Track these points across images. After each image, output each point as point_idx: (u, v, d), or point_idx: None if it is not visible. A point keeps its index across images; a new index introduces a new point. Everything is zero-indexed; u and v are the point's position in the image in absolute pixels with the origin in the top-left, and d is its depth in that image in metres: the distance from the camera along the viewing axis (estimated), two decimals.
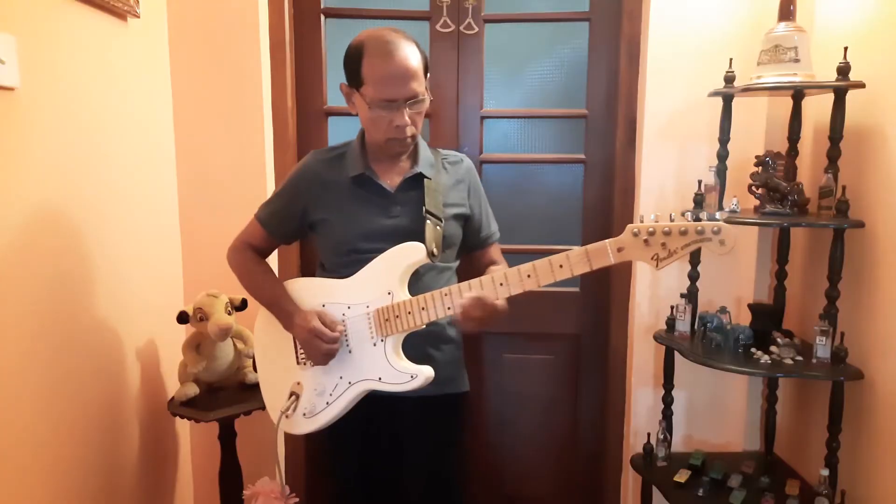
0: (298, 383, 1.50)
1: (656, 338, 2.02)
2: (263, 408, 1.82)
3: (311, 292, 1.50)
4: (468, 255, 1.65)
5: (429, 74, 1.46)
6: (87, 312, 1.58)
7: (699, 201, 1.91)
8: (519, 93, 2.30)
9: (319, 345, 1.41)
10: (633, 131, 2.14)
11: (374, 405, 1.47)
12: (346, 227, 1.48)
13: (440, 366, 1.43)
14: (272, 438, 2.16)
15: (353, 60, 1.41)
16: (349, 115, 2.25)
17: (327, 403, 1.46)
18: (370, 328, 1.42)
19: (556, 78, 2.29)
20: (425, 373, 1.38)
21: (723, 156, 1.88)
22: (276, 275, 1.62)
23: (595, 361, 2.33)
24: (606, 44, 2.17)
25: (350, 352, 1.44)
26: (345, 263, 1.47)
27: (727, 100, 1.86)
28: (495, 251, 1.66)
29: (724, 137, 1.87)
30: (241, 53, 2.00)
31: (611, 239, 1.26)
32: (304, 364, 1.50)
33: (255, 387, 1.90)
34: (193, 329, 1.84)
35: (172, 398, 1.84)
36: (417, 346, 1.44)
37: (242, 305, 1.87)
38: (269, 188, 2.09)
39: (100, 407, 1.63)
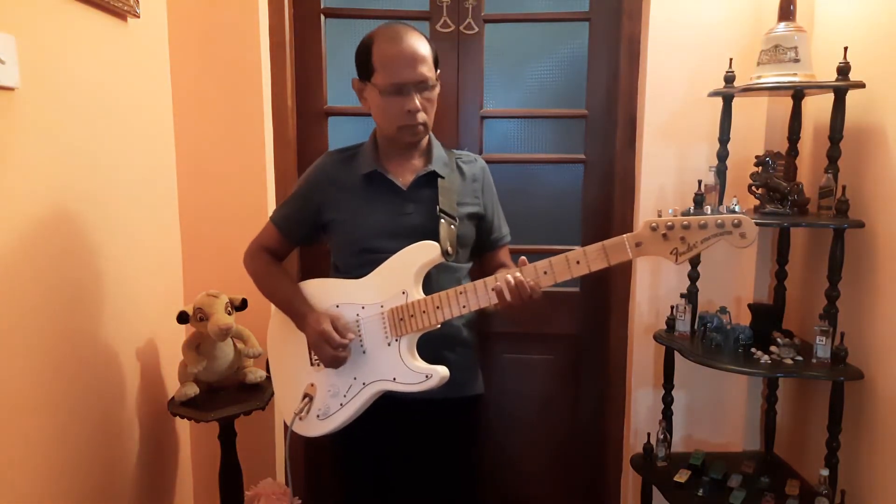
0: (312, 385, 1.49)
1: (656, 338, 2.02)
2: (263, 408, 1.83)
3: (325, 293, 1.49)
4: (477, 257, 1.63)
5: (439, 70, 1.47)
6: (86, 312, 1.58)
7: (699, 201, 1.90)
8: (519, 93, 2.30)
9: (327, 349, 1.40)
10: (633, 131, 2.14)
11: (387, 408, 1.45)
12: (359, 226, 1.48)
13: (454, 368, 1.41)
14: (282, 440, 2.17)
15: (364, 52, 1.44)
16: (349, 114, 2.29)
17: (341, 405, 1.45)
18: (384, 328, 1.41)
19: (556, 78, 2.29)
20: (440, 372, 1.37)
21: (723, 156, 1.88)
22: (293, 277, 1.60)
23: (595, 361, 2.33)
24: (606, 44, 2.17)
25: (364, 352, 1.43)
26: (358, 263, 1.47)
27: (727, 100, 1.86)
28: (504, 254, 1.65)
29: (724, 137, 1.87)
30: (241, 54, 2.00)
31: (628, 234, 1.25)
32: (318, 365, 1.49)
33: (256, 387, 1.91)
34: (193, 329, 1.84)
35: (172, 398, 1.83)
36: (431, 348, 1.43)
37: (242, 305, 1.87)
38: (270, 188, 2.09)
39: (99, 407, 1.63)
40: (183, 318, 1.79)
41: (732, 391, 2.17)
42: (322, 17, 2.18)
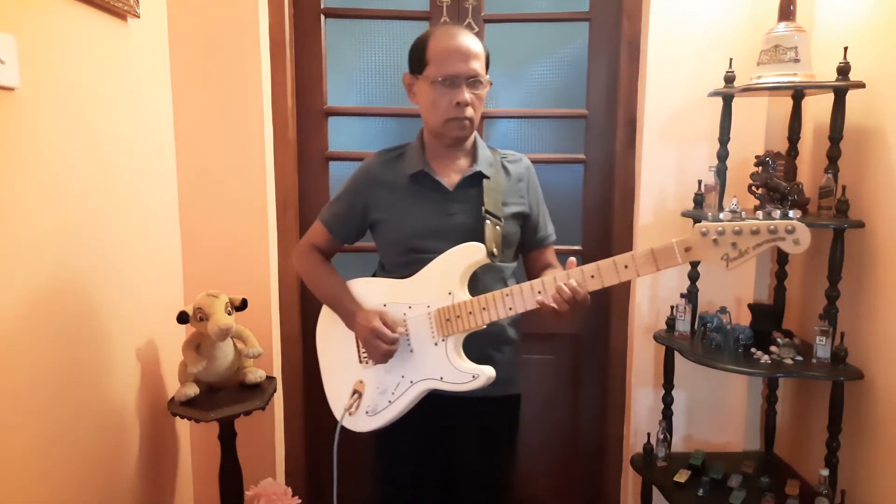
0: (361, 381, 1.51)
1: (656, 338, 2.02)
2: (263, 408, 1.83)
3: (372, 292, 1.51)
4: (523, 256, 1.63)
5: (488, 73, 1.50)
6: (87, 312, 1.58)
7: (699, 201, 1.91)
8: (519, 93, 2.30)
9: (379, 345, 1.42)
10: (633, 131, 2.14)
11: (432, 405, 1.47)
12: (405, 226, 1.49)
13: (500, 366, 1.43)
14: (282, 440, 2.17)
15: (419, 47, 1.47)
16: (349, 114, 2.29)
17: (389, 402, 1.47)
18: (431, 328, 1.42)
19: (556, 78, 2.29)
20: (487, 373, 1.38)
21: (723, 156, 1.88)
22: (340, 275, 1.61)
23: (595, 361, 2.33)
24: (606, 44, 2.17)
25: (412, 351, 1.45)
26: (403, 263, 1.48)
27: (727, 100, 1.86)
28: (551, 254, 1.63)
29: (724, 137, 1.87)
30: (241, 53, 2.00)
31: (677, 238, 1.24)
32: (367, 363, 1.50)
33: (256, 387, 1.91)
34: (193, 329, 1.84)
35: (172, 398, 1.83)
36: (478, 347, 1.44)
37: (242, 305, 1.87)
38: (270, 188, 2.09)
39: (100, 407, 1.63)
40: (183, 318, 1.79)
41: (732, 391, 2.17)
42: (322, 17, 2.18)
